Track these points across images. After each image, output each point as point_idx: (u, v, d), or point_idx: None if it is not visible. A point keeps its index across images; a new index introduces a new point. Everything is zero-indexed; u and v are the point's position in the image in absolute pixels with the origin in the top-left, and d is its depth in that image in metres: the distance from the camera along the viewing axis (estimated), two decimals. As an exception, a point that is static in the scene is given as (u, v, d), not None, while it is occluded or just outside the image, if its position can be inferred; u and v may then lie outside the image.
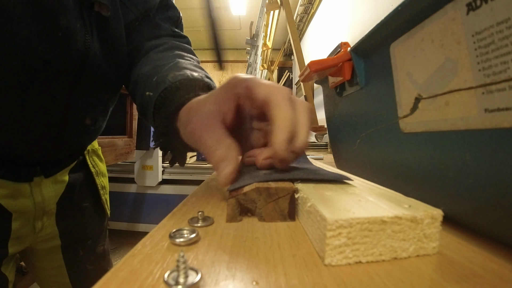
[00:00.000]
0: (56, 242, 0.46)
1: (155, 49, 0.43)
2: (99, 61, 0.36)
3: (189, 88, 0.32)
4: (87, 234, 0.51)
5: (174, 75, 0.34)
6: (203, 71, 0.38)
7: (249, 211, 0.21)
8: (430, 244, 0.15)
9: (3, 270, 0.39)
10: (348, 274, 0.13)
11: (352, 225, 0.14)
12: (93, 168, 0.52)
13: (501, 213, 0.16)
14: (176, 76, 0.33)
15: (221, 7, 3.47)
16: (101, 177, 0.54)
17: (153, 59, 0.41)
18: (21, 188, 0.38)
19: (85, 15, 0.33)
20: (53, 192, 0.43)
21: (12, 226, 0.38)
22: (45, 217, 0.43)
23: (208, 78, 0.36)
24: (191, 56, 0.44)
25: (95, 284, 0.12)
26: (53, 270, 0.48)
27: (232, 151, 0.24)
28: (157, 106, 0.33)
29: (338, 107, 0.43)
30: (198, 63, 0.45)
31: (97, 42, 0.35)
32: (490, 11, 0.15)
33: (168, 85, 0.32)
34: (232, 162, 0.23)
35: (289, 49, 4.25)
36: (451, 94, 0.19)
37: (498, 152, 0.16)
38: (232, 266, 0.14)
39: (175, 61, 0.39)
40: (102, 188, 0.53)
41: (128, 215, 1.93)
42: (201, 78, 0.34)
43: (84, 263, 0.51)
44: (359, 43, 0.31)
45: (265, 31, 2.77)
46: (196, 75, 0.34)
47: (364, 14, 1.41)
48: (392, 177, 0.29)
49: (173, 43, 0.45)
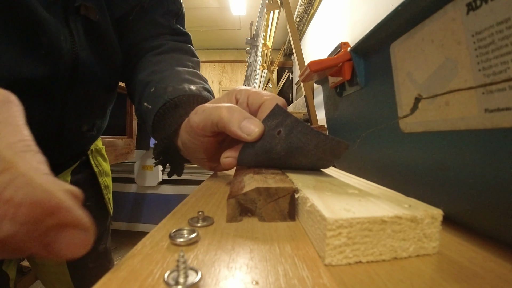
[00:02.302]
0: None
1: (152, 51, 0.43)
2: (91, 66, 0.36)
3: (187, 106, 0.33)
4: None
5: (173, 89, 0.34)
6: (201, 80, 0.38)
7: (249, 211, 0.21)
8: (430, 244, 0.15)
9: (4, 268, 0.39)
10: (348, 274, 0.13)
11: (352, 225, 0.14)
12: (96, 167, 0.52)
13: (501, 213, 0.16)
14: (175, 91, 0.34)
15: (221, 7, 3.47)
16: (105, 177, 0.54)
17: (151, 63, 0.40)
18: None
19: (70, 21, 0.32)
20: None
21: None
22: None
23: (206, 91, 0.36)
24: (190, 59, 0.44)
25: (95, 284, 0.12)
26: (54, 267, 0.49)
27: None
28: (156, 121, 0.33)
29: (338, 107, 0.43)
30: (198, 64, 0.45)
31: (86, 48, 0.35)
32: (490, 11, 0.15)
33: (166, 101, 0.33)
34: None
35: (289, 49, 4.26)
36: (451, 94, 0.19)
37: (498, 152, 0.16)
38: (232, 266, 0.14)
39: (174, 70, 0.38)
40: (105, 187, 0.54)
41: (128, 215, 1.94)
42: (199, 93, 0.35)
43: (86, 261, 0.51)
44: (359, 43, 0.31)
45: (265, 31, 2.77)
46: (194, 90, 0.35)
47: (364, 14, 1.41)
48: (392, 177, 0.29)
49: (172, 44, 0.44)
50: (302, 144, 0.24)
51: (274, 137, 0.25)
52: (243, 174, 0.26)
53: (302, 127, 0.24)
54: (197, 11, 3.51)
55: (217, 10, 3.54)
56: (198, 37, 3.58)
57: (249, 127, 0.25)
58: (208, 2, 3.33)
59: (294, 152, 0.25)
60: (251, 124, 0.25)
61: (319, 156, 0.25)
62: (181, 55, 0.44)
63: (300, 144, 0.24)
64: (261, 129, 0.25)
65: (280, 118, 0.26)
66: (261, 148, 0.26)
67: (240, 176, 0.26)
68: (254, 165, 0.27)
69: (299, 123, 0.24)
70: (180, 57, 0.43)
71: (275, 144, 0.25)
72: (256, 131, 0.25)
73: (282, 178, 0.23)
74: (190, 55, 0.45)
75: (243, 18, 3.70)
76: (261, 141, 0.26)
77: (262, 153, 0.26)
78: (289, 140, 0.24)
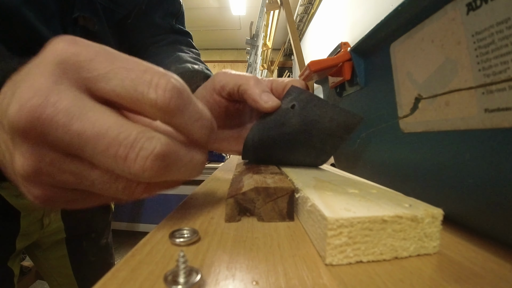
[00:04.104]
0: (61, 236, 0.47)
1: (155, 44, 0.44)
2: None
3: (191, 80, 0.33)
4: (91, 228, 0.52)
5: (176, 67, 0.35)
6: (203, 64, 0.39)
7: (248, 211, 0.21)
8: (430, 243, 0.15)
9: (9, 264, 0.40)
10: (348, 273, 0.13)
11: (353, 224, 0.14)
12: None
13: (501, 213, 0.16)
14: (178, 68, 0.35)
15: (221, 7, 3.46)
16: None
17: (154, 53, 0.41)
18: None
19: (69, 32, 0.32)
20: None
21: (21, 224, 0.39)
22: (53, 213, 0.43)
23: (208, 70, 0.37)
24: (191, 50, 0.45)
25: (95, 284, 0.12)
26: (56, 260, 0.49)
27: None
28: None
29: (338, 107, 0.43)
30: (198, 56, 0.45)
31: None
32: (490, 11, 0.15)
33: None
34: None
35: (289, 49, 4.25)
36: (451, 94, 0.19)
37: (498, 152, 0.16)
38: (232, 266, 0.14)
39: (176, 54, 0.39)
40: None
41: (128, 215, 1.94)
42: (201, 70, 0.36)
43: (87, 255, 0.52)
44: (359, 43, 0.31)
45: (265, 31, 2.76)
46: (196, 68, 0.36)
47: (364, 14, 1.41)
48: (392, 177, 0.29)
49: (173, 37, 0.45)
50: (318, 117, 0.25)
51: (288, 110, 0.26)
52: (242, 174, 0.26)
53: (317, 100, 0.25)
54: (197, 11, 3.50)
55: (217, 10, 3.54)
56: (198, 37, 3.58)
57: (269, 97, 0.26)
58: (208, 2, 3.33)
59: (308, 124, 0.25)
60: (270, 97, 0.27)
61: (332, 131, 0.25)
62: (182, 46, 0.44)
63: (315, 117, 0.25)
64: (278, 103, 0.26)
65: (294, 94, 0.27)
66: (274, 121, 0.27)
67: (239, 176, 0.26)
68: (265, 139, 0.28)
69: (314, 97, 0.25)
70: (182, 47, 0.44)
71: (289, 117, 0.26)
72: (273, 102, 0.26)
73: (281, 178, 0.23)
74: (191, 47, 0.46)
75: (243, 18, 3.70)
76: (274, 115, 0.27)
77: (275, 126, 0.27)
78: (304, 114, 0.25)
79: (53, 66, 0.14)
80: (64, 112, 0.13)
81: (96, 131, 0.13)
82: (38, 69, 0.14)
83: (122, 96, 0.14)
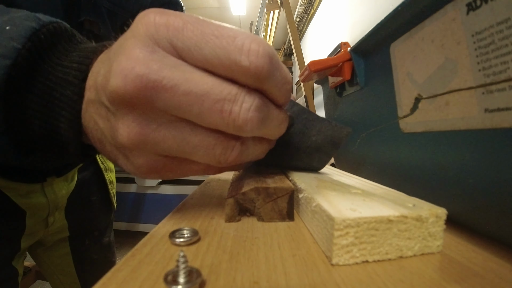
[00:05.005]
0: (64, 234, 0.48)
1: None
2: None
3: None
4: (94, 226, 0.53)
5: None
6: None
7: (248, 211, 0.21)
8: (434, 243, 0.15)
9: (14, 264, 0.40)
10: (348, 273, 0.13)
11: (359, 224, 0.14)
12: (102, 164, 0.54)
13: (501, 213, 0.16)
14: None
15: (221, 7, 3.47)
16: (109, 173, 0.56)
17: None
18: (34, 188, 0.39)
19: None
20: (65, 189, 0.44)
21: (27, 223, 0.39)
22: (57, 212, 0.44)
23: None
24: None
25: (95, 284, 0.12)
26: (59, 258, 0.49)
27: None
28: None
29: (338, 107, 0.43)
30: None
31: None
32: (490, 11, 0.15)
33: None
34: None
35: (289, 49, 4.25)
36: (451, 94, 0.19)
37: (498, 152, 0.16)
38: (232, 266, 0.14)
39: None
40: (110, 183, 0.55)
41: (128, 215, 1.93)
42: None
43: (90, 253, 0.52)
44: (359, 43, 0.31)
45: (265, 31, 2.77)
46: None
47: (364, 14, 1.41)
48: (392, 177, 0.29)
49: None
50: (306, 129, 0.25)
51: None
52: (242, 174, 0.26)
53: (308, 114, 0.25)
54: (197, 11, 3.51)
55: (217, 10, 3.54)
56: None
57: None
58: (208, 2, 3.33)
59: (295, 137, 0.25)
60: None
61: (318, 145, 0.25)
62: None
63: (303, 130, 0.25)
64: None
65: (287, 106, 0.26)
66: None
67: (239, 176, 0.26)
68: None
69: (305, 111, 0.25)
70: None
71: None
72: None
73: (281, 178, 0.23)
74: None
75: (243, 18, 3.70)
76: None
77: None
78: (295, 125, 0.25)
79: (146, 38, 0.14)
80: (169, 77, 0.14)
81: (202, 90, 0.14)
82: (131, 42, 0.14)
83: (215, 64, 0.14)
